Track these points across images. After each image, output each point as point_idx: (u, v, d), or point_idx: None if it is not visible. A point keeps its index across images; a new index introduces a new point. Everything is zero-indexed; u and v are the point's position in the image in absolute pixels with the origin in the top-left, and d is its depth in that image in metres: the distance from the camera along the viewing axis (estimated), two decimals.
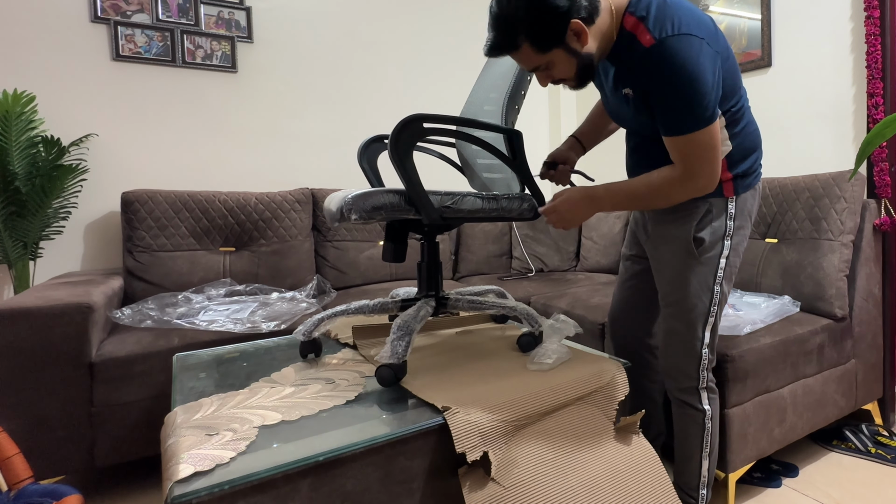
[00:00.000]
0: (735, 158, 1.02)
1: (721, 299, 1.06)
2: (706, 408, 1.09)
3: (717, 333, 1.09)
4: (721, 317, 1.09)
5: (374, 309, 1.13)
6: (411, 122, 0.96)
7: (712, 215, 1.03)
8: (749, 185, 1.05)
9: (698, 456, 1.10)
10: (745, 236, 1.07)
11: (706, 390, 1.09)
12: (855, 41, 1.80)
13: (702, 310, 1.05)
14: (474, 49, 2.87)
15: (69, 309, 1.32)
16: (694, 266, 1.04)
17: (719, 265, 1.04)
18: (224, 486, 0.64)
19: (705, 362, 1.08)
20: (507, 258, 2.60)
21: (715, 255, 1.04)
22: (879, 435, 1.62)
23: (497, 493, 0.80)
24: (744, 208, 1.05)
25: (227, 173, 2.23)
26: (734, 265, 1.06)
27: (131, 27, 2.00)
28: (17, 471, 1.03)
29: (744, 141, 1.03)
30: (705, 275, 1.04)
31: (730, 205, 1.04)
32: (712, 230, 1.03)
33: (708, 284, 1.04)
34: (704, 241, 1.03)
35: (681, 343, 1.08)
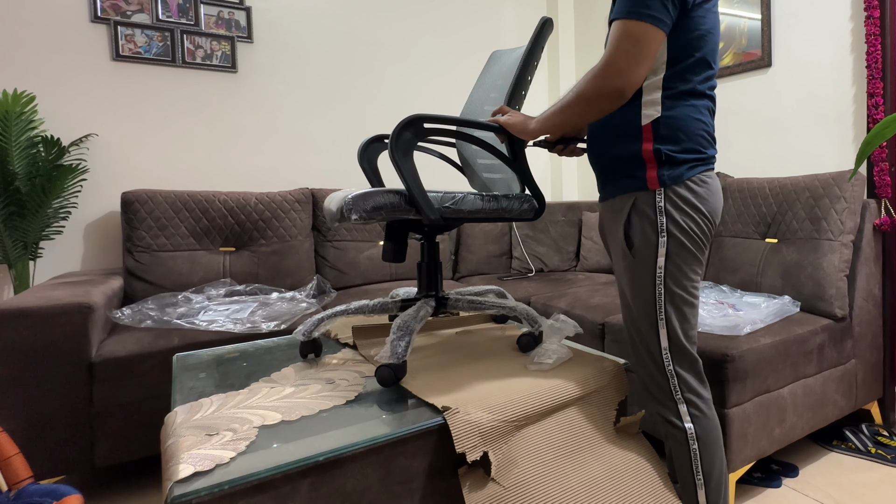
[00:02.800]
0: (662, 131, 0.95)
1: (672, 298, 0.96)
2: (686, 425, 0.96)
3: (677, 338, 0.97)
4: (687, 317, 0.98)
5: (374, 309, 1.13)
6: (412, 123, 0.96)
7: (639, 212, 0.97)
8: (679, 176, 0.95)
9: (692, 486, 0.97)
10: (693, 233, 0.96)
11: (685, 403, 0.96)
12: (855, 41, 1.80)
13: (648, 311, 0.97)
14: (474, 49, 2.87)
15: (69, 309, 1.32)
16: (632, 266, 0.99)
17: (657, 264, 0.96)
18: (224, 486, 0.64)
19: (670, 369, 0.97)
20: (507, 258, 2.60)
21: (650, 256, 0.96)
22: (879, 435, 1.62)
23: (497, 493, 0.80)
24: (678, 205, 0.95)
25: (227, 173, 2.23)
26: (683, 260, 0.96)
27: (131, 27, 2.00)
28: (17, 471, 1.04)
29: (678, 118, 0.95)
30: (642, 275, 0.97)
31: (658, 199, 0.95)
32: (641, 229, 0.97)
33: (646, 285, 0.97)
34: (633, 241, 0.98)
35: (639, 347, 1.01)
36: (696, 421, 0.97)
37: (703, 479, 0.96)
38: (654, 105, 0.96)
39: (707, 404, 0.99)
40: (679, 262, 0.96)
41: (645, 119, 0.96)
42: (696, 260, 0.97)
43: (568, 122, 0.99)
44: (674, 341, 0.97)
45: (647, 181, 0.96)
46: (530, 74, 1.17)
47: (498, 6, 2.95)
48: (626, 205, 0.99)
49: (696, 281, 0.99)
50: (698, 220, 0.96)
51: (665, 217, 0.95)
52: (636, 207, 0.98)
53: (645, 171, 0.97)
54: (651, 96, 0.96)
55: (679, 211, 0.95)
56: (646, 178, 0.96)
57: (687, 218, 0.95)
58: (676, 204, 0.95)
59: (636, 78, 0.89)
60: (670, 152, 0.95)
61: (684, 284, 0.97)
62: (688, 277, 0.97)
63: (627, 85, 0.89)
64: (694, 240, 0.96)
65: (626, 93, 0.90)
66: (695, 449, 0.96)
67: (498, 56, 1.41)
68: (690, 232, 0.96)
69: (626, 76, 0.88)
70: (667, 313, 0.97)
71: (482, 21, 2.89)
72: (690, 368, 0.98)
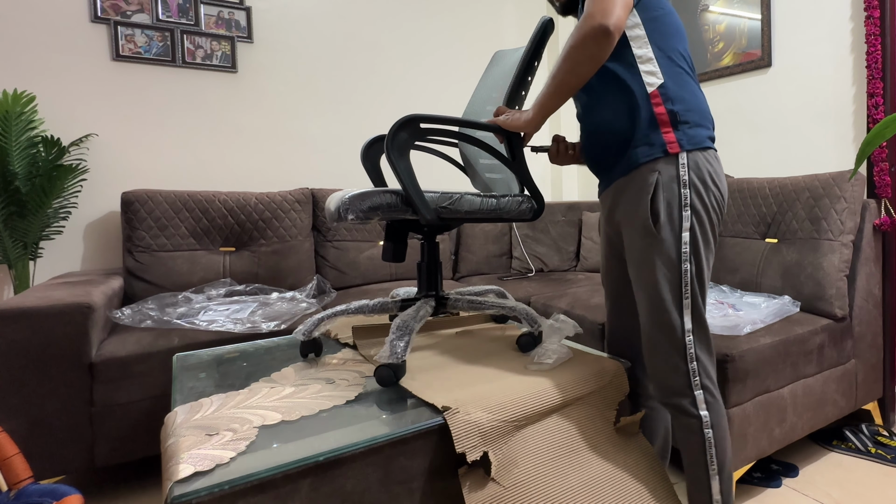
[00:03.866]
0: (671, 94, 0.95)
1: (696, 275, 0.94)
2: (702, 413, 0.93)
3: (702, 318, 0.95)
4: (705, 299, 0.96)
5: (373, 309, 1.13)
6: (408, 123, 0.96)
7: (662, 184, 0.94)
8: (697, 141, 0.95)
9: (705, 476, 0.94)
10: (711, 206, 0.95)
11: (702, 390, 0.94)
12: (855, 41, 1.80)
13: (673, 290, 0.94)
14: (475, 49, 2.87)
15: (69, 309, 1.32)
16: (656, 245, 0.95)
17: (682, 239, 0.93)
18: (224, 486, 0.64)
19: (692, 352, 0.94)
20: (507, 258, 2.60)
21: (675, 230, 0.94)
22: (879, 435, 1.62)
23: (497, 493, 0.80)
24: (699, 173, 0.94)
25: (227, 173, 2.23)
26: (703, 237, 0.95)
27: (131, 27, 2.00)
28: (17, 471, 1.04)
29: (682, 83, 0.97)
30: (668, 252, 0.94)
31: (681, 168, 0.93)
32: (666, 202, 0.94)
33: (673, 262, 0.94)
34: (660, 215, 0.94)
35: (659, 332, 0.95)
36: (711, 408, 0.94)
37: (717, 468, 0.94)
38: (653, 74, 0.96)
39: (717, 387, 0.97)
40: (701, 238, 0.95)
41: (650, 86, 0.96)
42: (714, 237, 0.98)
43: (563, 86, 0.95)
44: (697, 321, 0.95)
45: (666, 144, 0.94)
46: (531, 75, 1.17)
47: (499, 7, 2.95)
48: (650, 177, 0.95)
49: (712, 260, 0.98)
50: (717, 195, 0.96)
51: (689, 189, 0.94)
52: (661, 181, 0.94)
53: (661, 135, 0.94)
54: (648, 67, 0.96)
55: (702, 182, 0.94)
56: (664, 142, 0.94)
57: (708, 192, 0.95)
58: (700, 175, 0.94)
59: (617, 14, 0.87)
60: (684, 111, 0.95)
61: (705, 263, 0.96)
62: (706, 257, 0.96)
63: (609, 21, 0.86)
64: (713, 213, 0.96)
65: (611, 31, 0.87)
66: (709, 437, 0.94)
67: (500, 56, 1.41)
68: (710, 208, 0.95)
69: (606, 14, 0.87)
70: (692, 292, 0.94)
71: (483, 21, 2.89)
72: (709, 351, 0.96)
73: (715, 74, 2.27)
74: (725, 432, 0.96)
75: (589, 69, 0.91)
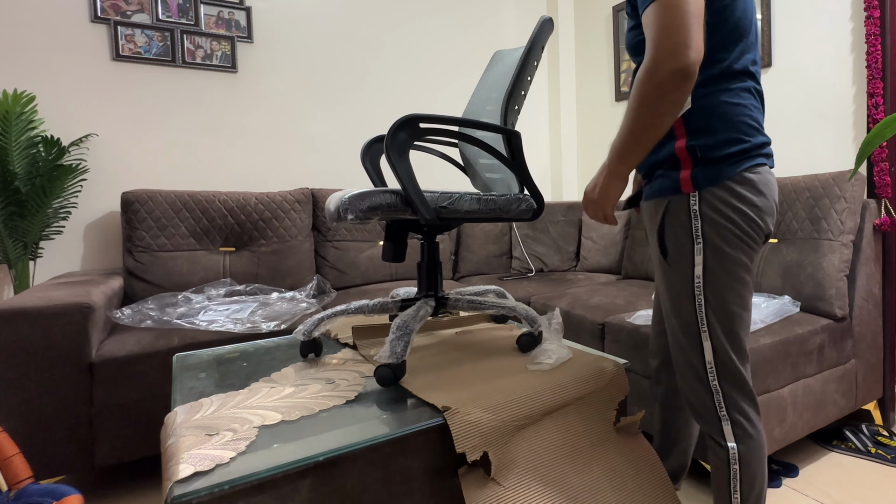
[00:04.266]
0: (693, 125, 0.87)
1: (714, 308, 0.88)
2: (729, 445, 0.90)
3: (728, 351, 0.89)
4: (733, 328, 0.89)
5: (373, 309, 1.13)
6: (407, 122, 0.96)
7: (671, 217, 0.90)
8: (717, 176, 0.86)
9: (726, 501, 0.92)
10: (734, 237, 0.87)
11: (729, 422, 0.90)
12: (855, 41, 1.80)
13: (687, 322, 0.91)
14: (475, 49, 2.87)
15: (69, 309, 1.32)
16: (668, 277, 0.92)
17: (694, 273, 0.88)
18: (224, 486, 0.64)
19: (714, 384, 0.90)
20: (507, 258, 2.60)
21: (686, 264, 0.89)
22: (879, 435, 1.62)
23: (497, 493, 0.80)
24: (716, 206, 0.86)
25: (227, 173, 2.23)
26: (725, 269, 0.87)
27: (131, 27, 2.00)
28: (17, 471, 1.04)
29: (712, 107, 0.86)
30: (679, 285, 0.90)
31: (692, 203, 0.87)
32: (674, 234, 0.90)
33: (684, 295, 0.90)
34: (668, 249, 0.91)
35: (682, 361, 0.94)
36: (740, 440, 0.90)
37: (741, 499, 0.91)
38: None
39: (753, 424, 0.91)
40: (719, 271, 0.87)
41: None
42: (741, 267, 0.88)
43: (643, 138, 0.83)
44: (719, 356, 0.89)
45: (680, 183, 0.88)
46: (530, 75, 1.17)
47: (499, 6, 2.95)
48: (661, 208, 0.92)
49: (744, 291, 0.89)
50: (740, 224, 0.86)
51: (700, 221, 0.87)
52: (669, 212, 0.90)
53: (679, 172, 0.89)
54: None
55: (717, 213, 0.86)
56: (679, 180, 0.88)
57: (727, 221, 0.86)
58: (714, 206, 0.86)
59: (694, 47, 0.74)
60: (707, 147, 0.86)
61: (728, 295, 0.88)
62: (731, 287, 0.88)
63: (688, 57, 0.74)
64: (736, 246, 0.87)
65: (690, 68, 0.74)
66: (735, 469, 0.90)
67: (500, 56, 1.41)
68: (731, 237, 0.86)
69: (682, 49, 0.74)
70: (710, 326, 0.89)
71: (483, 21, 2.89)
72: (736, 385, 0.90)
73: None
74: (758, 467, 0.91)
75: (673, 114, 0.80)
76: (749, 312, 0.91)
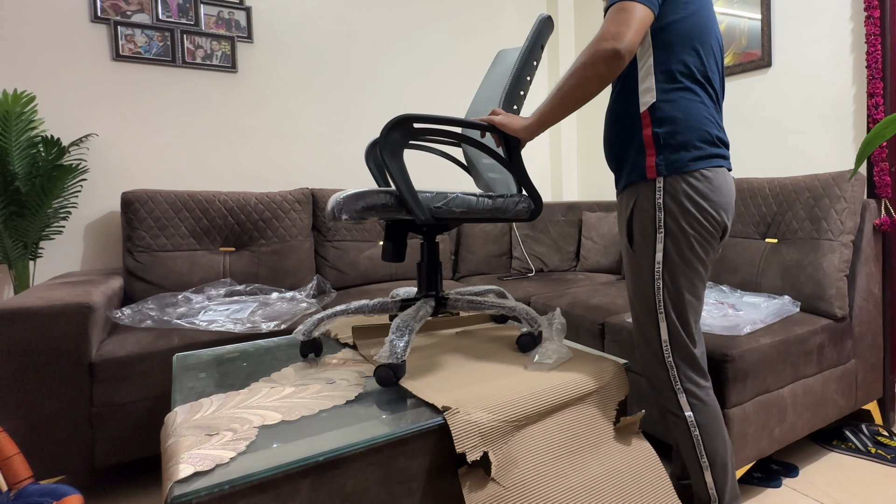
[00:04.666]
0: (659, 115, 0.97)
1: (670, 293, 0.98)
2: (686, 414, 0.99)
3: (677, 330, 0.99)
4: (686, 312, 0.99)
5: (373, 309, 1.13)
6: (400, 123, 0.97)
7: (639, 206, 0.99)
8: (679, 166, 0.95)
9: (699, 470, 1.01)
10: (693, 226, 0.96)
11: (684, 393, 0.99)
12: (855, 41, 1.80)
13: (647, 305, 1.00)
14: (475, 49, 2.87)
15: (69, 309, 1.32)
16: (633, 263, 1.03)
17: (655, 259, 0.98)
18: (224, 486, 0.64)
19: (669, 360, 0.99)
20: (507, 258, 2.60)
21: (649, 251, 0.99)
22: (879, 435, 1.62)
23: (497, 493, 0.80)
24: (676, 196, 0.95)
25: (227, 173, 2.23)
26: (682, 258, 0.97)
27: (131, 27, 2.00)
28: (17, 471, 1.04)
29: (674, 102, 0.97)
30: (642, 270, 1.01)
31: (657, 192, 0.97)
32: (640, 223, 0.99)
33: (646, 279, 1.00)
34: (634, 236, 1.01)
35: (640, 340, 1.04)
36: (696, 409, 1.00)
37: (708, 462, 1.00)
38: (649, 91, 0.98)
39: (706, 392, 1.01)
40: (677, 259, 0.97)
41: (643, 106, 0.99)
42: (696, 257, 0.98)
43: (568, 99, 0.97)
44: (673, 335, 0.99)
45: (646, 170, 0.98)
46: (529, 74, 1.17)
47: (499, 6, 2.95)
48: (631, 201, 1.01)
49: (696, 280, 0.99)
50: (698, 217, 0.96)
51: (664, 213, 0.97)
52: (637, 204, 1.00)
53: (644, 158, 0.98)
54: (646, 84, 0.99)
55: (678, 206, 0.96)
56: (644, 166, 0.98)
57: (686, 214, 0.96)
58: (676, 198, 0.96)
59: (629, 39, 0.89)
60: (668, 133, 0.96)
61: (683, 281, 0.98)
62: (686, 276, 0.98)
63: (621, 45, 0.89)
64: (695, 237, 0.97)
65: (622, 52, 0.89)
66: (696, 435, 0.99)
67: (503, 55, 1.41)
68: (689, 230, 0.96)
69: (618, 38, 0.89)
70: (665, 308, 0.99)
71: (483, 21, 2.89)
72: (689, 361, 1.00)
73: None
74: (717, 430, 1.01)
75: (596, 87, 0.94)
76: (700, 302, 1.01)
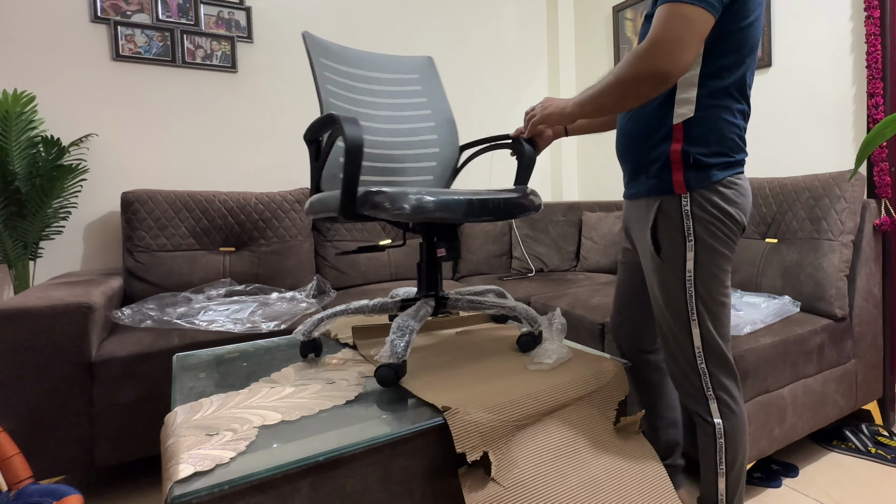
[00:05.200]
0: (693, 133, 0.94)
1: (703, 299, 0.97)
2: (715, 421, 0.98)
3: (711, 336, 0.98)
4: (719, 316, 0.98)
5: (373, 309, 1.13)
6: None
7: (665, 216, 0.98)
8: (707, 179, 0.94)
9: (713, 474, 1.00)
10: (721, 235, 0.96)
11: (715, 400, 0.99)
12: (855, 41, 1.80)
13: (679, 312, 0.98)
14: (475, 48, 2.87)
15: (69, 309, 1.32)
16: (661, 269, 1.00)
17: (686, 268, 0.97)
18: (224, 486, 0.64)
19: (702, 367, 0.98)
20: (507, 258, 2.60)
21: (679, 260, 0.97)
22: (879, 435, 1.62)
23: (497, 493, 0.80)
24: (703, 206, 0.95)
25: (227, 173, 2.23)
26: (713, 263, 0.96)
27: (131, 27, 2.00)
28: (17, 471, 1.04)
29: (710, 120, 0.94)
30: (672, 278, 0.98)
31: (684, 203, 0.96)
32: (668, 233, 0.97)
33: (677, 287, 0.98)
34: (661, 245, 0.99)
35: (673, 346, 1.01)
36: (725, 417, 0.98)
37: (726, 469, 0.99)
38: (687, 104, 0.94)
39: (736, 401, 1.00)
40: (708, 265, 0.96)
41: (677, 118, 0.94)
42: (725, 260, 0.97)
43: (604, 106, 0.93)
44: (707, 341, 0.98)
45: (673, 185, 0.96)
46: None
47: (499, 6, 2.95)
48: (652, 208, 0.99)
49: (727, 281, 0.99)
50: (727, 223, 0.95)
51: (692, 220, 0.95)
52: (662, 211, 0.98)
53: (671, 174, 0.96)
54: (685, 94, 0.94)
55: (707, 214, 0.95)
56: (672, 182, 0.96)
57: (715, 220, 0.95)
58: (704, 207, 0.95)
59: (684, 62, 0.82)
60: (699, 155, 0.94)
61: (715, 286, 0.97)
62: (717, 279, 0.97)
63: (674, 67, 0.82)
64: (723, 241, 0.96)
65: (672, 77, 0.83)
66: (721, 443, 0.98)
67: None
68: (719, 234, 0.95)
69: (673, 58, 0.82)
70: (699, 314, 0.97)
71: (483, 21, 2.89)
72: (723, 367, 0.99)
73: None
74: (741, 439, 1.00)
75: (636, 104, 0.90)
76: (729, 300, 1.01)
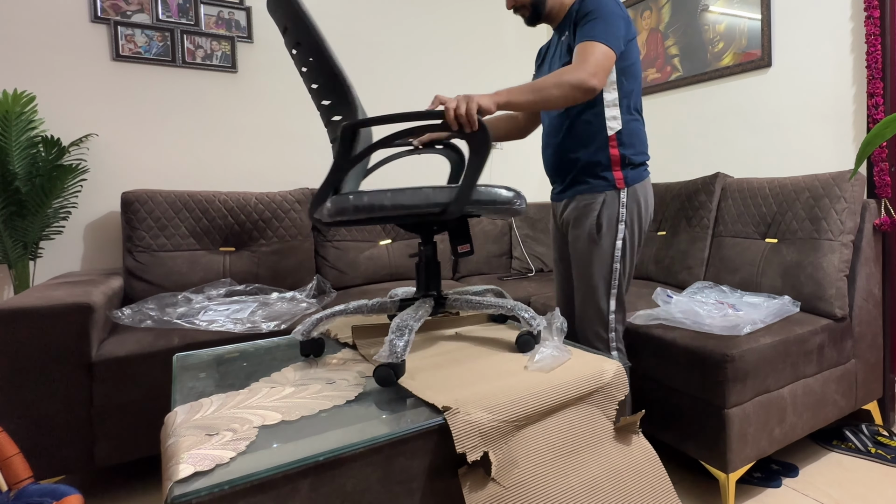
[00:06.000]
0: (624, 140, 1.30)
1: (624, 271, 1.31)
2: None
3: (622, 301, 1.32)
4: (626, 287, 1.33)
5: (372, 309, 1.13)
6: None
7: (607, 204, 1.29)
8: (638, 178, 1.31)
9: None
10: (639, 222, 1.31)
11: (616, 351, 1.33)
12: (855, 41, 1.80)
13: (605, 282, 1.31)
14: (475, 48, 2.87)
15: (69, 309, 1.32)
16: (596, 249, 1.30)
17: (615, 246, 1.29)
18: (224, 486, 0.64)
19: (612, 325, 1.31)
20: (507, 258, 2.60)
21: (612, 239, 1.29)
22: (879, 435, 1.62)
23: (497, 493, 0.80)
24: (635, 197, 1.30)
25: (227, 173, 2.23)
26: (632, 244, 1.31)
27: (131, 27, 2.00)
28: (17, 471, 1.04)
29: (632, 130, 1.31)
30: (605, 254, 1.30)
31: (621, 195, 1.29)
32: (608, 216, 1.29)
33: (607, 262, 1.30)
34: (602, 225, 1.29)
35: (591, 310, 1.32)
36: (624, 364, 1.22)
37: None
38: (615, 119, 1.29)
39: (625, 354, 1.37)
40: (628, 245, 1.31)
41: (610, 130, 1.29)
42: (640, 243, 1.34)
43: (538, 101, 1.11)
44: (619, 304, 1.33)
45: (615, 181, 1.30)
46: None
47: (499, 6, 2.95)
48: (598, 200, 1.31)
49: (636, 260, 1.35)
50: (643, 212, 1.33)
51: (625, 209, 1.30)
52: (606, 202, 1.30)
53: (612, 173, 1.30)
54: (613, 112, 1.28)
55: (635, 205, 1.31)
56: (615, 179, 1.30)
57: (639, 209, 1.31)
58: (634, 199, 1.31)
59: (601, 84, 1.15)
60: (631, 155, 1.31)
61: (629, 263, 1.32)
62: (632, 257, 1.33)
63: (599, 84, 1.14)
64: (640, 228, 1.33)
65: (596, 90, 1.14)
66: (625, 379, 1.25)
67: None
68: (640, 221, 1.33)
69: (598, 79, 1.14)
70: (619, 283, 1.32)
71: (484, 21, 2.89)
72: (623, 322, 1.36)
73: (715, 74, 2.27)
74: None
75: (563, 105, 1.16)
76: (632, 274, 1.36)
